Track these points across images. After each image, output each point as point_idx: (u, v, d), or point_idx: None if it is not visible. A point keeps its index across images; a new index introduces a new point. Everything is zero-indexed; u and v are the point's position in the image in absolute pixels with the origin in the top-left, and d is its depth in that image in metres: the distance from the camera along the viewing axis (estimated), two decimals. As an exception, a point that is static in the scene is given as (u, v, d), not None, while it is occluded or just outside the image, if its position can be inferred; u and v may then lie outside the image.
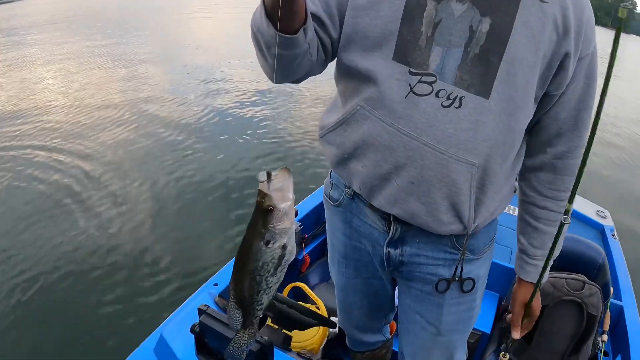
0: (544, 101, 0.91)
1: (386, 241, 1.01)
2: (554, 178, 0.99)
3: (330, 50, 0.91)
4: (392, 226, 0.98)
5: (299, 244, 2.09)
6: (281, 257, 0.68)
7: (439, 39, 0.82)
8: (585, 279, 1.54)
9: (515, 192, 1.07)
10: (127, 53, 9.95)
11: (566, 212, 0.93)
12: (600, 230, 2.70)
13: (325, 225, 2.35)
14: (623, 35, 0.80)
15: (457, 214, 0.91)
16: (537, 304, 1.09)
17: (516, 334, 1.11)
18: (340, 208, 1.09)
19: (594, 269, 1.67)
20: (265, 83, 7.76)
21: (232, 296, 0.72)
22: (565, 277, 1.51)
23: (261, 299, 0.72)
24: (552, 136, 0.95)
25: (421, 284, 1.05)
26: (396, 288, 1.21)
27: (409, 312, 1.13)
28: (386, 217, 0.98)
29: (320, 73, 0.96)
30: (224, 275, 1.85)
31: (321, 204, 2.37)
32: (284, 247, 0.68)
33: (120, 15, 16.44)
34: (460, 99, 0.83)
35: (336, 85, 1.00)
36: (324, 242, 2.40)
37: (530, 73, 0.82)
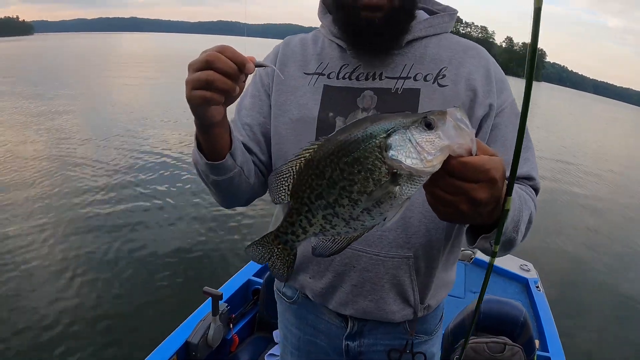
0: None
1: (344, 335, 1.02)
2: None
3: (266, 172, 0.98)
4: (349, 322, 1.00)
5: (226, 324, 2.00)
6: (383, 188, 0.48)
7: None
8: (507, 340, 1.57)
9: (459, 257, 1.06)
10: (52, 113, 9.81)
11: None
12: (524, 283, 2.80)
13: (252, 303, 2.30)
14: (535, 84, 0.81)
15: (405, 300, 0.93)
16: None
17: None
18: (295, 306, 1.08)
19: (516, 328, 1.71)
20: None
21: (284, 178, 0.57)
22: (486, 342, 1.53)
23: (316, 212, 0.53)
24: None
25: None
26: None
27: None
28: (343, 315, 0.99)
29: (264, 194, 0.99)
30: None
31: (247, 282, 2.33)
32: (394, 178, 0.47)
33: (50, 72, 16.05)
34: None
35: None
36: (252, 319, 2.34)
37: None
